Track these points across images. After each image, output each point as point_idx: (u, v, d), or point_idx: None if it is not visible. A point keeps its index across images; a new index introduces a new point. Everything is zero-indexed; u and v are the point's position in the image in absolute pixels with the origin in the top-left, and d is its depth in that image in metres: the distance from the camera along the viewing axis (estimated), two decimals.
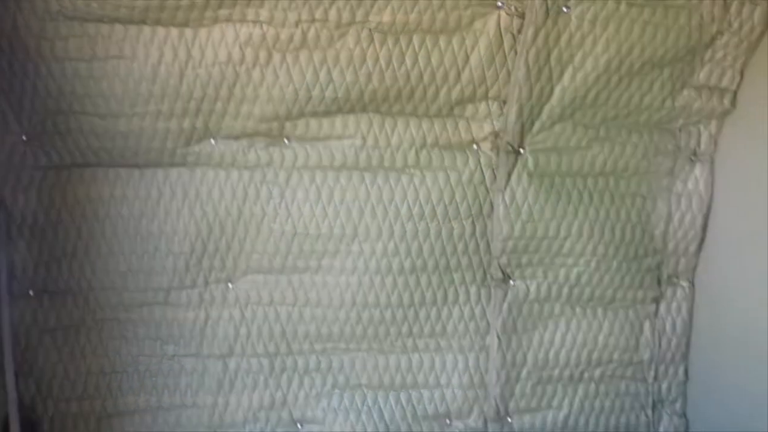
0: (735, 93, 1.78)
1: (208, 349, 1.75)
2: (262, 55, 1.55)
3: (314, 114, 1.65)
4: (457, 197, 1.75)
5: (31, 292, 1.66)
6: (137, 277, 1.69)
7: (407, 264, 1.76)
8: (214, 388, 1.77)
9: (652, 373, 1.96)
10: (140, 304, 1.70)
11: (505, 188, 1.77)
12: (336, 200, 1.71)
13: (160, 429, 1.75)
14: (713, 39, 1.69)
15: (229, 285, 1.73)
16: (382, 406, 1.82)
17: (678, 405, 1.99)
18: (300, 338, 1.77)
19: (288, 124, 1.65)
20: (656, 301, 1.94)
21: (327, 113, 1.65)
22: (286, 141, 1.67)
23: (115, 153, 1.62)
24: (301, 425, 1.81)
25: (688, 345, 1.97)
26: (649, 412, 1.97)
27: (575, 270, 1.85)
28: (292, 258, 1.72)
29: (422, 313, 1.80)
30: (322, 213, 1.71)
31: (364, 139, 1.69)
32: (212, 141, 1.64)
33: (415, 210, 1.74)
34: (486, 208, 1.78)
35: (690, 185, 1.88)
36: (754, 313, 1.71)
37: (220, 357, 1.75)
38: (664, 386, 1.98)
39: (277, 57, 1.56)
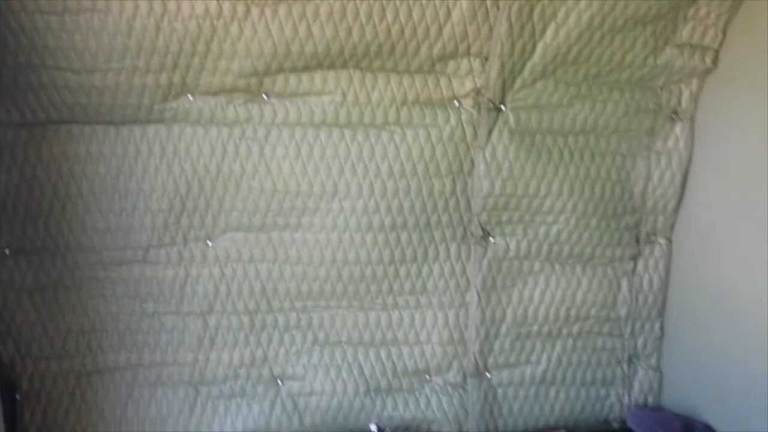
0: (717, 52, 1.79)
1: (188, 306, 1.76)
2: (240, 8, 1.53)
3: (293, 69, 1.64)
4: (438, 154, 1.76)
5: (7, 252, 1.66)
6: (115, 235, 1.69)
7: (387, 221, 1.77)
8: (194, 346, 1.78)
9: (628, 329, 2.01)
10: (119, 263, 1.70)
11: (486, 145, 1.78)
12: (316, 157, 1.71)
13: (140, 386, 1.76)
14: None
15: (209, 243, 1.74)
16: (362, 362, 1.85)
17: (653, 360, 2.05)
18: (280, 296, 1.78)
19: (267, 80, 1.64)
20: (634, 258, 1.97)
21: (306, 69, 1.64)
22: (265, 97, 1.66)
23: (90, 109, 1.60)
24: (282, 382, 1.83)
25: (664, 302, 2.02)
26: (625, 366, 2.03)
27: (555, 227, 1.88)
28: (272, 215, 1.72)
29: (402, 270, 1.82)
30: (302, 170, 1.71)
31: (344, 95, 1.69)
32: (190, 97, 1.63)
33: (396, 167, 1.74)
34: (467, 166, 1.79)
35: (670, 144, 1.90)
36: (730, 271, 1.75)
37: (200, 314, 1.77)
38: (640, 342, 2.03)
39: (255, 11, 1.54)
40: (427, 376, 1.90)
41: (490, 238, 1.85)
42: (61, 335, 1.71)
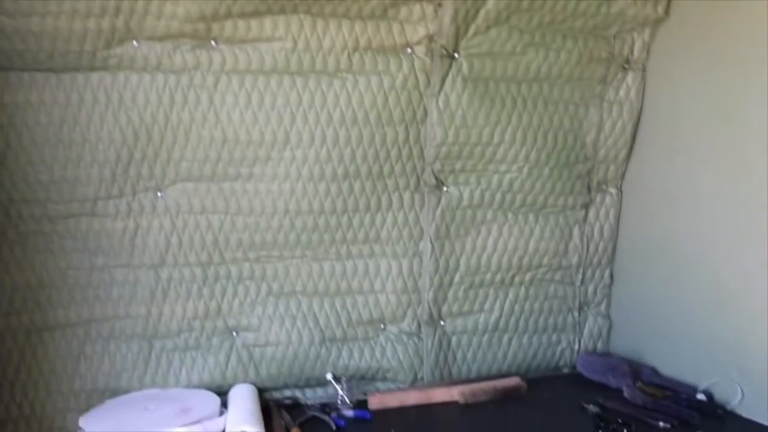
0: (669, 1, 1.81)
1: (139, 259, 1.74)
2: None
3: (242, 15, 1.61)
4: (391, 102, 1.76)
5: None
6: (61, 187, 1.65)
7: (340, 170, 1.77)
8: (146, 299, 1.77)
9: (579, 276, 2.06)
10: (66, 216, 1.67)
11: (439, 93, 1.78)
12: (267, 105, 1.69)
13: (93, 341, 1.75)
14: None
15: (159, 194, 1.71)
16: (317, 312, 1.87)
17: (603, 307, 2.11)
18: (233, 247, 1.77)
19: (215, 25, 1.60)
20: (585, 207, 2.02)
21: (256, 14, 1.61)
22: (213, 43, 1.63)
23: (28, 56, 1.54)
24: (237, 333, 1.84)
25: (614, 250, 2.07)
26: (576, 313, 2.09)
27: (508, 176, 1.90)
28: (222, 165, 1.71)
29: (356, 220, 1.83)
30: (253, 118, 1.69)
31: (294, 41, 1.66)
32: (135, 43, 1.59)
33: (348, 115, 1.74)
34: (419, 114, 1.79)
35: (622, 93, 1.94)
36: (678, 220, 1.80)
37: (152, 267, 1.75)
38: (591, 289, 2.09)
39: None
40: (382, 325, 1.92)
41: (444, 187, 1.87)
42: (7, 291, 1.67)
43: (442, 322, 1.97)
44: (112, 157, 1.65)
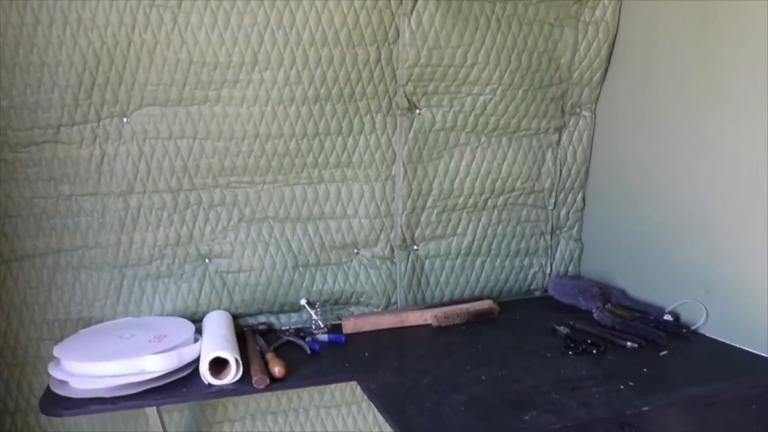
0: None
1: (106, 187, 1.72)
2: None
3: None
4: (362, 22, 1.72)
5: None
6: (21, 113, 1.61)
7: (311, 92, 1.75)
8: (116, 227, 1.76)
9: (552, 200, 2.08)
10: (28, 143, 1.64)
11: (411, 13, 1.75)
12: (233, 25, 1.64)
13: (63, 271, 1.74)
14: None
15: (124, 119, 1.68)
16: (289, 237, 1.87)
17: (574, 231, 2.14)
18: (203, 172, 1.76)
19: None
20: (559, 130, 2.02)
21: None
22: None
23: None
24: (209, 260, 1.84)
25: (586, 174, 2.09)
26: (548, 237, 2.12)
27: (481, 98, 1.89)
28: (189, 89, 1.67)
29: (327, 143, 1.82)
30: (219, 39, 1.65)
31: None
32: None
33: (318, 35, 1.70)
34: (391, 34, 1.76)
35: (598, 13, 1.92)
36: (650, 144, 1.81)
37: (120, 195, 1.73)
38: (563, 213, 2.12)
39: None
40: (355, 250, 1.94)
41: (416, 110, 1.86)
42: None
43: (415, 247, 1.99)
44: (74, 82, 1.61)
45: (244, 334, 1.80)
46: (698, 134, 1.63)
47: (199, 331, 1.71)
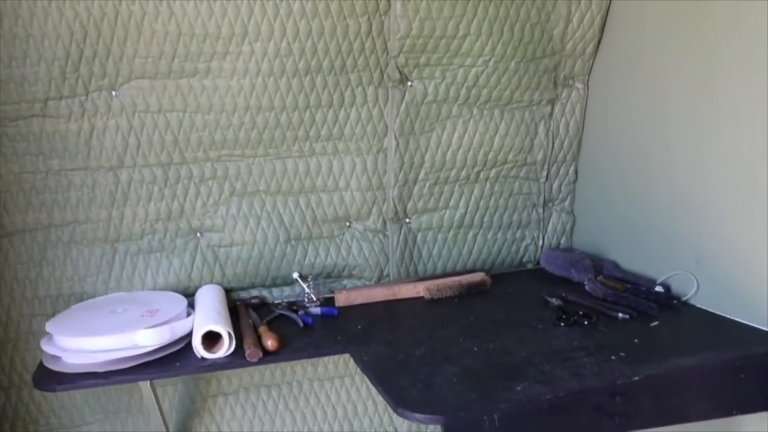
0: None
1: (96, 161, 1.71)
2: None
3: None
4: None
5: None
6: (7, 87, 1.59)
7: (301, 64, 1.73)
8: (107, 202, 1.75)
9: (544, 173, 2.08)
10: (15, 118, 1.62)
11: None
12: None
13: (54, 246, 1.73)
14: None
15: (113, 93, 1.66)
16: (281, 211, 1.87)
17: (567, 203, 2.14)
18: (193, 146, 1.75)
19: None
20: (551, 102, 2.01)
21: None
22: None
23: None
24: (201, 234, 1.84)
25: (579, 146, 2.09)
26: (540, 210, 2.12)
27: (473, 70, 1.88)
28: (178, 61, 1.65)
29: (319, 116, 1.81)
30: (208, 11, 1.62)
31: None
32: None
33: (308, 7, 1.68)
34: (383, 5, 1.74)
35: None
36: (643, 117, 1.81)
37: (110, 169, 1.72)
38: (555, 186, 2.12)
39: None
40: (347, 223, 1.94)
41: (408, 82, 1.85)
42: None
43: (407, 219, 1.99)
44: (61, 54, 1.59)
45: (236, 308, 1.81)
46: (692, 106, 1.63)
47: (191, 306, 1.71)
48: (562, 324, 1.60)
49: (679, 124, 1.67)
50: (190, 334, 1.55)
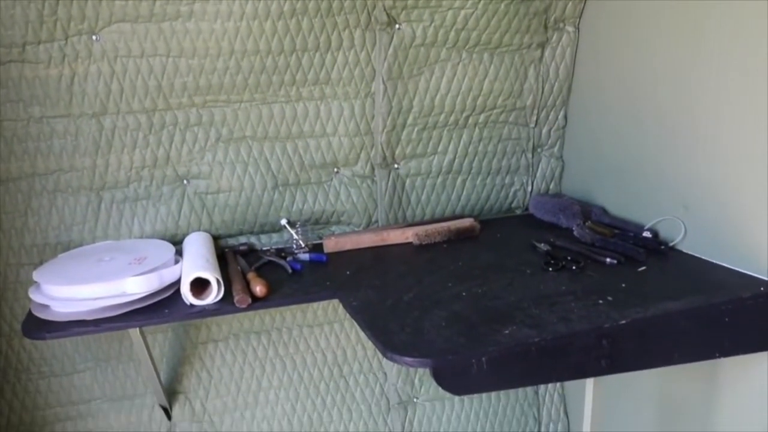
0: None
1: (78, 108, 1.68)
2: None
3: None
4: None
5: None
6: None
7: (287, 7, 1.68)
8: (90, 150, 1.72)
9: (533, 118, 2.06)
10: None
11: None
12: None
13: (38, 195, 1.72)
14: None
15: (93, 37, 1.62)
16: (268, 157, 1.84)
17: (556, 149, 2.13)
18: (177, 91, 1.71)
19: None
20: (542, 46, 1.98)
21: None
22: None
23: None
24: (187, 181, 1.82)
25: (569, 91, 2.06)
26: (529, 155, 2.11)
27: (462, 13, 1.84)
28: (160, 4, 1.61)
29: (305, 60, 1.77)
30: None
31: None
32: None
33: None
34: None
35: None
36: (633, 60, 1.78)
37: (93, 116, 1.69)
38: (545, 131, 2.10)
39: None
40: (335, 169, 1.92)
41: (396, 24, 1.81)
42: None
43: (395, 165, 1.97)
44: None
45: (224, 255, 1.80)
46: (682, 50, 1.61)
47: (179, 253, 1.70)
48: (551, 269, 1.60)
49: (669, 69, 1.65)
50: (178, 282, 1.55)
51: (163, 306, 1.51)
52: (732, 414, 1.59)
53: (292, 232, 1.85)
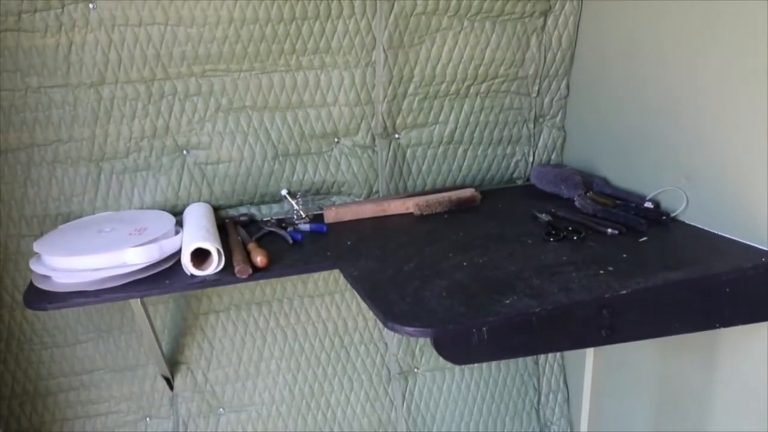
0: None
1: (76, 77, 1.66)
2: None
3: None
4: None
5: None
6: None
7: None
8: (89, 120, 1.71)
9: (535, 87, 2.05)
10: None
11: None
12: None
13: (37, 166, 1.71)
14: None
15: (90, 5, 1.60)
16: (268, 127, 1.83)
17: (558, 119, 2.12)
18: (176, 61, 1.70)
19: None
20: (544, 14, 1.96)
21: None
22: None
23: None
24: (187, 151, 1.81)
25: (571, 60, 2.04)
26: (531, 125, 2.10)
27: None
28: None
29: (305, 28, 1.75)
30: None
31: None
32: None
33: None
34: None
35: None
36: (638, 30, 1.76)
37: (92, 86, 1.68)
38: (546, 101, 2.09)
39: None
40: (336, 139, 1.91)
41: None
42: None
43: (396, 135, 1.96)
44: None
45: (225, 226, 1.80)
46: (687, 19, 1.59)
47: (179, 224, 1.70)
48: (552, 239, 1.60)
49: (673, 38, 1.63)
50: (179, 253, 1.55)
51: (163, 277, 1.51)
52: (731, 384, 1.60)
53: (293, 202, 1.85)
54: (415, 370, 2.23)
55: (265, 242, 1.69)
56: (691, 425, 1.74)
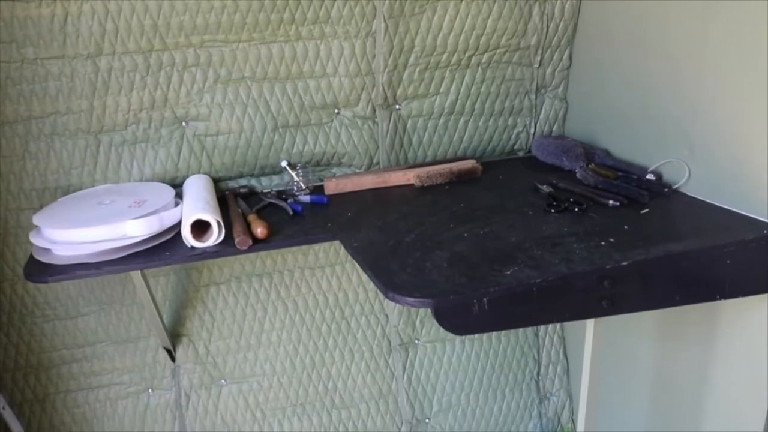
0: None
1: (73, 49, 1.65)
2: None
3: None
4: None
5: None
6: None
7: None
8: (87, 92, 1.70)
9: (538, 58, 2.03)
10: None
11: None
12: None
13: (35, 139, 1.71)
14: None
15: None
16: (267, 98, 1.82)
17: (560, 90, 2.11)
18: (174, 31, 1.68)
19: None
20: None
21: None
22: None
23: None
24: (186, 123, 1.80)
25: (574, 31, 2.03)
26: (533, 96, 2.08)
27: None
28: None
29: None
30: None
31: None
32: None
33: None
34: None
35: None
36: (641, 1, 1.74)
37: (89, 57, 1.66)
38: (548, 71, 2.07)
39: None
40: (336, 110, 1.90)
41: None
42: None
43: (397, 106, 1.95)
44: None
45: (225, 198, 1.80)
46: None
47: (179, 196, 1.70)
48: (553, 211, 1.60)
49: (677, 9, 1.61)
50: (179, 224, 1.55)
51: (164, 249, 1.51)
52: (731, 357, 1.61)
53: (293, 174, 1.85)
54: (416, 341, 2.24)
55: (266, 214, 1.69)
56: (690, 397, 1.76)
